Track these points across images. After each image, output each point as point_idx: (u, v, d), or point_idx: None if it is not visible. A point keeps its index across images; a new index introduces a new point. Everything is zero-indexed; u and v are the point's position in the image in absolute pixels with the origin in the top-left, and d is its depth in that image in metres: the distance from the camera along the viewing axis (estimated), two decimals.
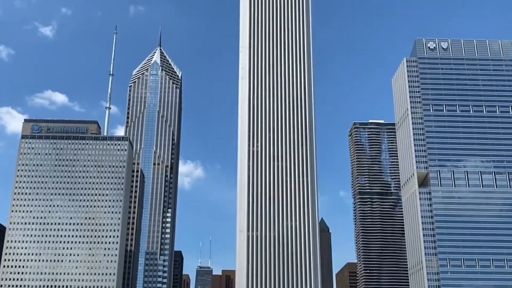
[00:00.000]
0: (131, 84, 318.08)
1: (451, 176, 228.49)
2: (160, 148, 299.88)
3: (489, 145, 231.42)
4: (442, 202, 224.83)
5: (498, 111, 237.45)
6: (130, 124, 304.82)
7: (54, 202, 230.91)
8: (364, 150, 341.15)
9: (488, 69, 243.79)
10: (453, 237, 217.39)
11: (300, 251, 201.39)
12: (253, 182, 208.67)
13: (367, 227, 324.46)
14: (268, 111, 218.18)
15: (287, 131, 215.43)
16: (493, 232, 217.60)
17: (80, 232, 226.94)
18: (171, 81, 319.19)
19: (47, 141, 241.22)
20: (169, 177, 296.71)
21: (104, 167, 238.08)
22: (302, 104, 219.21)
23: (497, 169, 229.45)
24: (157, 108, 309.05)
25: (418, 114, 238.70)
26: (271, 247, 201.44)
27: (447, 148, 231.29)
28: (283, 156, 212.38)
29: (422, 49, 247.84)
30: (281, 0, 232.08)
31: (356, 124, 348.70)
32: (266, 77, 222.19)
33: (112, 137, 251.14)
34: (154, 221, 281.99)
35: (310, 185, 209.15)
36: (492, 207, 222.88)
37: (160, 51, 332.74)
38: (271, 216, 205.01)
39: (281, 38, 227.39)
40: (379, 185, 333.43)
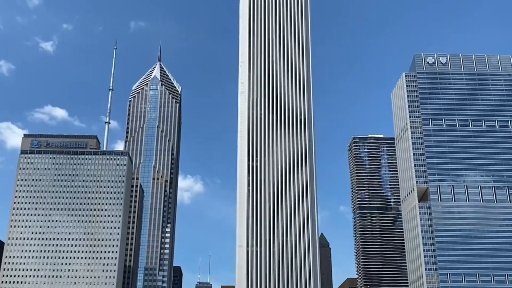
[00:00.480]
0: (131, 99, 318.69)
1: (451, 190, 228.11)
2: (159, 162, 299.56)
3: (489, 160, 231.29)
4: (442, 217, 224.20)
5: (497, 125, 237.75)
6: (129, 138, 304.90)
7: (53, 217, 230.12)
8: (364, 164, 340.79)
9: (487, 84, 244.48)
10: (453, 252, 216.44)
11: (300, 266, 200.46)
12: (253, 197, 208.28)
13: (367, 242, 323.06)
14: (268, 126, 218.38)
15: (287, 145, 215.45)
16: (494, 247, 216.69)
17: (79, 247, 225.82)
18: (171, 96, 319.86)
19: (46, 156, 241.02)
20: (169, 192, 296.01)
21: (104, 182, 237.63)
22: (302, 119, 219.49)
23: (496, 184, 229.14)
24: (157, 122, 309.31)
25: (418, 128, 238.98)
26: (271, 263, 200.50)
27: (446, 163, 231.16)
28: (283, 171, 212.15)
29: (421, 64, 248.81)
30: (280, 16, 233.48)
31: (355, 139, 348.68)
32: (265, 92, 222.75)
33: (111, 151, 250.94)
34: (153, 236, 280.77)
35: (310, 200, 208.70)
36: (492, 221, 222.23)
37: (160, 66, 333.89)
38: (270, 231, 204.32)
39: (280, 53, 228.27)
40: (379, 200, 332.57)
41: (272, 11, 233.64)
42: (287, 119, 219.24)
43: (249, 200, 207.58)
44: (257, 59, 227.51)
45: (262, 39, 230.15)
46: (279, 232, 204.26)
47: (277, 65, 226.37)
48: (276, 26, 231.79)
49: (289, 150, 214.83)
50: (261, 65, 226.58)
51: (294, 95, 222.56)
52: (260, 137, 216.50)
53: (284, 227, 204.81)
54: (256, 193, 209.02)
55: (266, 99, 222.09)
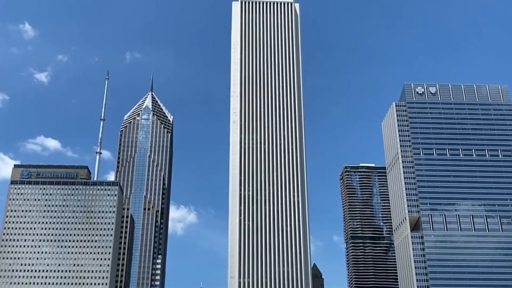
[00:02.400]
0: (122, 129, 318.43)
1: (443, 220, 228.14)
2: (150, 192, 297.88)
3: (480, 189, 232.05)
4: (435, 246, 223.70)
5: (487, 154, 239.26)
6: (120, 168, 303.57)
7: (43, 249, 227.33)
8: (356, 194, 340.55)
9: (477, 113, 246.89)
10: (446, 281, 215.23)
11: None
12: (245, 227, 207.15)
13: (360, 271, 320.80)
14: (260, 155, 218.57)
15: (279, 175, 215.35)
16: (486, 276, 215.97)
17: (68, 279, 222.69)
18: (163, 126, 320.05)
19: (36, 187, 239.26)
20: (160, 222, 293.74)
21: (94, 213, 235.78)
22: (293, 149, 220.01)
23: (488, 213, 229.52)
24: (148, 152, 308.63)
25: (409, 157, 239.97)
26: None
27: (438, 192, 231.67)
28: (275, 201, 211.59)
29: (410, 93, 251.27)
30: (272, 47, 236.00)
31: (347, 168, 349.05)
32: (257, 121, 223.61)
33: (102, 182, 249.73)
34: (144, 267, 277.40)
35: (302, 230, 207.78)
36: (484, 251, 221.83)
37: (151, 96, 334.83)
38: (262, 262, 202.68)
39: (271, 84, 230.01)
40: (371, 229, 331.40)
41: (264, 42, 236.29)
42: (278, 149, 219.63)
43: (241, 231, 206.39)
44: (249, 89, 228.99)
45: (254, 70, 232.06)
46: (271, 262, 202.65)
47: (268, 96, 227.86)
48: (268, 57, 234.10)
49: (281, 180, 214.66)
50: (253, 95, 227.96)
51: (286, 125, 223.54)
52: (252, 167, 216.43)
53: (276, 258, 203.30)
54: (248, 223, 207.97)
55: (258, 129, 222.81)
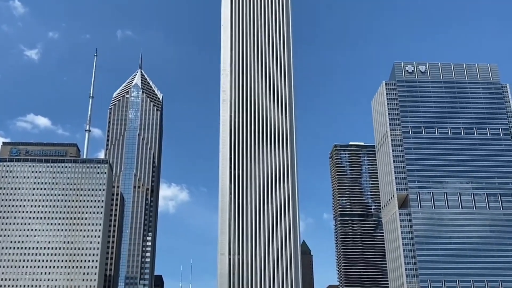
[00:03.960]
0: (111, 106, 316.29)
1: (431, 197, 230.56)
2: (140, 171, 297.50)
3: (468, 167, 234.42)
4: (422, 223, 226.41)
5: (476, 133, 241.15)
6: (110, 146, 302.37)
7: (33, 226, 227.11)
8: (345, 172, 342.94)
9: (466, 92, 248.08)
10: (433, 258, 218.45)
11: (282, 273, 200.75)
12: (235, 205, 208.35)
13: (348, 248, 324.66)
14: (250, 134, 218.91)
15: (269, 154, 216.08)
16: (473, 253, 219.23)
17: (58, 256, 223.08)
18: (152, 104, 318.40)
19: (25, 164, 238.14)
20: (150, 200, 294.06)
21: (84, 190, 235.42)
22: (284, 127, 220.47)
23: (475, 191, 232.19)
24: (138, 130, 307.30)
25: (398, 136, 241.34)
26: (253, 270, 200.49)
27: (426, 170, 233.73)
28: (265, 179, 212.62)
29: (400, 72, 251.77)
30: (262, 25, 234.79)
31: (336, 147, 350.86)
32: (247, 100, 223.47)
33: (91, 160, 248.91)
34: (134, 245, 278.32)
35: (292, 207, 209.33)
36: (471, 228, 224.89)
37: (141, 73, 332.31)
38: (252, 239, 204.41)
39: (262, 62, 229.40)
40: (360, 207, 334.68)
41: (254, 20, 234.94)
42: (268, 128, 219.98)
43: (231, 208, 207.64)
44: (239, 67, 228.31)
45: (244, 48, 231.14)
46: (261, 240, 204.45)
47: (258, 74, 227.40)
48: (258, 35, 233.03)
49: (271, 159, 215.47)
50: (243, 74, 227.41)
51: (276, 104, 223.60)
52: (242, 145, 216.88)
53: (266, 235, 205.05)
54: (238, 202, 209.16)
55: (248, 108, 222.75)
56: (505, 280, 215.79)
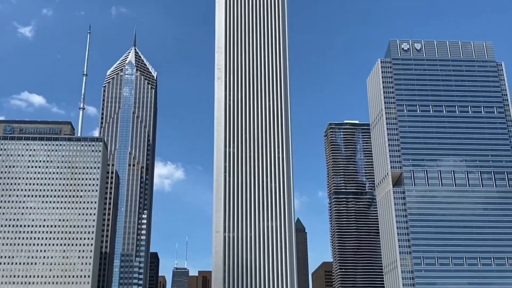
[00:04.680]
0: (105, 84, 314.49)
1: (425, 175, 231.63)
2: (135, 149, 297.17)
3: (462, 145, 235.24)
4: (416, 201, 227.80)
5: (470, 111, 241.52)
6: (104, 124, 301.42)
7: (27, 204, 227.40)
8: (340, 150, 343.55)
9: (461, 70, 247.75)
10: (427, 235, 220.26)
11: (276, 251, 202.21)
12: (230, 183, 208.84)
13: (343, 226, 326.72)
14: (244, 112, 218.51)
15: (263, 132, 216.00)
16: (466, 230, 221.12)
17: (54, 234, 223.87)
18: (146, 81, 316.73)
19: (19, 142, 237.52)
20: (145, 178, 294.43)
21: (78, 168, 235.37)
22: (278, 105, 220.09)
23: (469, 168, 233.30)
24: (132, 108, 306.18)
25: (392, 114, 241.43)
26: (248, 248, 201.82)
27: (420, 148, 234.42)
28: (260, 157, 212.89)
29: (396, 50, 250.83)
30: (257, 2, 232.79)
31: (331, 125, 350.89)
32: (242, 78, 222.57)
33: (86, 138, 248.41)
34: (130, 223, 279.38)
35: (286, 185, 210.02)
36: (465, 205, 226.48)
37: (135, 51, 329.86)
38: (247, 217, 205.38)
39: (257, 40, 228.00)
40: (354, 185, 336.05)
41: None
42: (263, 106, 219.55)
43: (226, 186, 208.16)
44: (233, 45, 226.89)
45: (239, 25, 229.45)
46: (255, 217, 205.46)
47: (253, 51, 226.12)
48: (253, 12, 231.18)
49: (266, 137, 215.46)
50: (238, 51, 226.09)
51: (271, 82, 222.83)
52: (237, 123, 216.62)
53: (260, 213, 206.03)
54: (233, 179, 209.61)
55: (242, 86, 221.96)
56: (497, 257, 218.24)
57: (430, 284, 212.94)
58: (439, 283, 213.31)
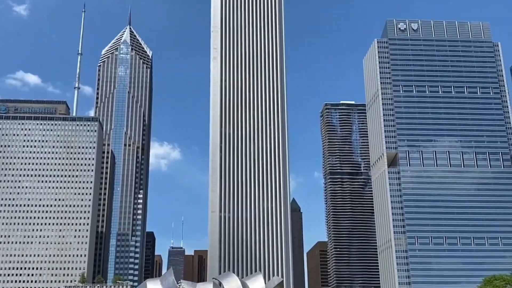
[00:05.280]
0: (100, 64, 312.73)
1: (420, 156, 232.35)
2: (130, 129, 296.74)
3: (457, 125, 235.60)
4: (411, 181, 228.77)
5: (466, 91, 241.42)
6: (100, 104, 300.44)
7: (23, 184, 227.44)
8: (335, 131, 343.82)
9: (457, 50, 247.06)
10: (421, 215, 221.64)
11: (272, 231, 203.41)
12: (225, 163, 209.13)
13: (338, 206, 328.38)
14: (240, 92, 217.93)
15: (259, 113, 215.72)
16: (460, 210, 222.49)
17: (50, 213, 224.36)
18: (142, 61, 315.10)
19: (14, 122, 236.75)
20: (141, 158, 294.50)
21: (74, 148, 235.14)
22: (274, 86, 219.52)
23: (464, 149, 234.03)
24: (127, 88, 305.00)
25: (388, 95, 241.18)
26: (243, 227, 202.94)
27: (416, 129, 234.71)
28: (255, 138, 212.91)
29: (392, 30, 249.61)
30: None
31: (327, 105, 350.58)
32: (238, 58, 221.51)
33: (81, 117, 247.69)
34: (126, 202, 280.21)
35: (282, 166, 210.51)
36: (459, 186, 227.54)
37: (130, 30, 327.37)
38: (243, 197, 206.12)
39: (252, 20, 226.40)
40: (350, 165, 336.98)
41: None
42: (259, 86, 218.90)
43: (222, 167, 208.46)
44: (229, 25, 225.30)
45: (234, 5, 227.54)
46: (251, 197, 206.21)
47: (249, 32, 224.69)
48: None
49: (262, 118, 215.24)
50: (234, 31, 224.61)
51: (267, 62, 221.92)
52: (233, 104, 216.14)
53: (256, 193, 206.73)
54: (229, 160, 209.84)
55: (238, 66, 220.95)
56: (491, 237, 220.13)
57: (424, 263, 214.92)
58: (433, 262, 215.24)
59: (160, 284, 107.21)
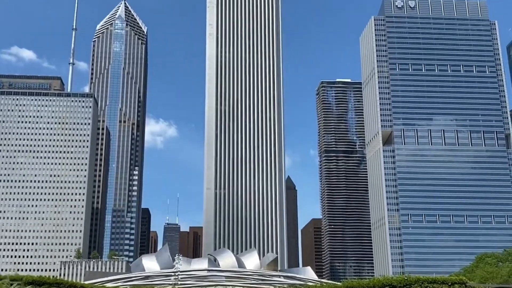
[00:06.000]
0: (95, 39, 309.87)
1: (415, 134, 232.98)
2: (125, 105, 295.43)
3: (453, 104, 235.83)
4: (405, 159, 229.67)
5: (462, 70, 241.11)
6: (94, 80, 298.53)
7: (18, 159, 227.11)
8: (331, 109, 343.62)
9: (454, 29, 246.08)
10: (415, 193, 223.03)
11: (267, 208, 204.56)
12: (221, 140, 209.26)
13: (332, 184, 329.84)
14: (236, 69, 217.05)
15: (255, 89, 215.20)
16: (454, 188, 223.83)
17: (45, 189, 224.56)
18: (137, 37, 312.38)
19: (9, 97, 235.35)
20: (136, 135, 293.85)
21: (69, 124, 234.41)
22: (270, 63, 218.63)
23: (459, 128, 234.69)
24: (122, 64, 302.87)
25: (384, 73, 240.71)
26: (238, 204, 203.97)
27: (411, 107, 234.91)
28: (251, 115, 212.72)
29: (390, 7, 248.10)
30: None
31: (323, 83, 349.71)
32: (234, 34, 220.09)
33: (76, 93, 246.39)
34: (121, 179, 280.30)
35: (278, 143, 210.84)
36: (453, 164, 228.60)
37: (124, 5, 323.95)
38: (238, 174, 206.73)
39: None
40: (345, 143, 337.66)
41: None
42: (255, 63, 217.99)
43: (217, 144, 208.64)
44: (225, 1, 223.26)
45: None
46: (246, 174, 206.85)
47: (245, 8, 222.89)
48: None
49: (258, 94, 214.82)
50: (230, 7, 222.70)
51: (263, 39, 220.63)
52: (229, 81, 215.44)
53: (251, 170, 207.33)
54: (225, 137, 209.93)
55: (234, 42, 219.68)
56: (484, 215, 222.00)
57: (417, 241, 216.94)
58: (426, 240, 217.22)
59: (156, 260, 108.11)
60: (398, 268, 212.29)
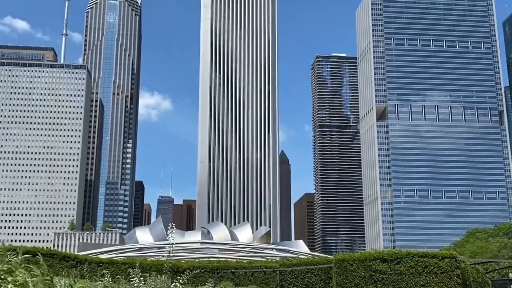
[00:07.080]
0: (88, 10, 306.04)
1: (409, 110, 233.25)
2: (119, 77, 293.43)
3: (447, 80, 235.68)
4: (399, 135, 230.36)
5: (457, 46, 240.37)
6: (88, 51, 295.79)
7: (11, 131, 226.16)
8: (326, 83, 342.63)
9: (450, 4, 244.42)
10: (407, 169, 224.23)
11: (260, 181, 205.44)
12: (215, 114, 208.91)
13: (326, 159, 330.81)
14: (231, 42, 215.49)
15: (250, 63, 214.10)
16: (447, 164, 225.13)
17: (38, 161, 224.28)
18: (130, 8, 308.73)
19: (1, 68, 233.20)
20: (129, 108, 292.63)
21: (62, 96, 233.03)
22: (265, 36, 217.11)
23: (453, 104, 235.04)
24: (116, 35, 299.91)
25: (380, 48, 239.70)
26: (232, 178, 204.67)
27: (406, 83, 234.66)
28: (245, 88, 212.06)
29: None
30: None
31: (318, 58, 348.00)
32: (228, 7, 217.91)
33: (69, 65, 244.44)
34: (115, 151, 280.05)
35: (272, 118, 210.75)
36: (447, 140, 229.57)
37: None
38: (232, 148, 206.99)
39: None
40: (339, 118, 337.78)
41: None
42: (250, 37, 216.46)
43: (211, 117, 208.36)
44: None
45: None
46: (240, 148, 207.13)
47: None
48: None
49: (253, 69, 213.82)
50: None
51: (258, 11, 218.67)
52: (223, 54, 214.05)
53: (245, 144, 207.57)
54: (219, 110, 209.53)
55: (229, 16, 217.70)
56: (475, 191, 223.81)
57: (408, 216, 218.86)
58: (417, 215, 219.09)
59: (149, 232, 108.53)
60: (389, 242, 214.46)
